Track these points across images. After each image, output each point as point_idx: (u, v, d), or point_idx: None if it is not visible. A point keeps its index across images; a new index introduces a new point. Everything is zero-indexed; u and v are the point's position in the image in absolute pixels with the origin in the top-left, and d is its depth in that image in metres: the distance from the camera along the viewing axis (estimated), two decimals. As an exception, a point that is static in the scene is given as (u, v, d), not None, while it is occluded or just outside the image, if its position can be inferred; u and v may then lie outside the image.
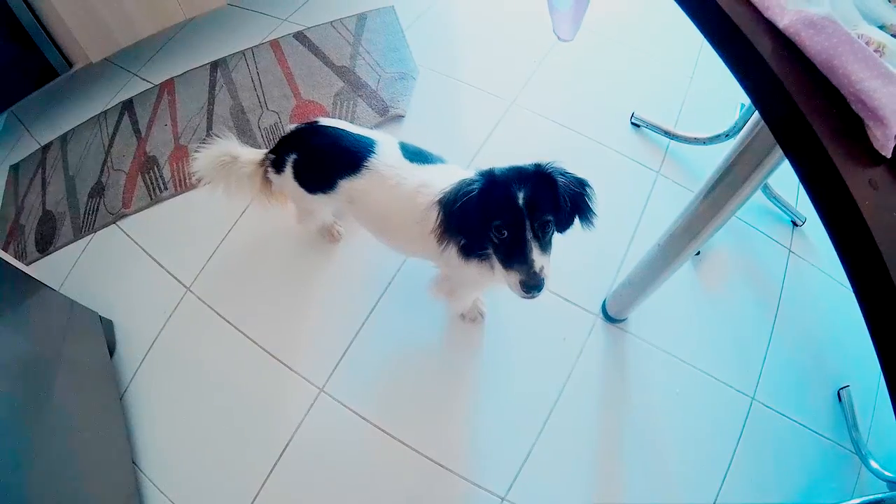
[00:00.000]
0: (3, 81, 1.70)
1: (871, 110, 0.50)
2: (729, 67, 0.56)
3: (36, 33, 1.65)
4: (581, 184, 0.86)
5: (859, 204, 0.45)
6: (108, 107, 1.87)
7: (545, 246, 0.83)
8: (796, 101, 0.46)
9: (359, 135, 1.07)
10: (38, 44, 1.67)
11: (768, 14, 0.57)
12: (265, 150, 1.20)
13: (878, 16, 0.70)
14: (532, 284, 0.81)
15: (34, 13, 1.62)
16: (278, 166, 1.13)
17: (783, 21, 0.55)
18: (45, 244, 1.64)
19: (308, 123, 1.12)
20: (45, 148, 1.85)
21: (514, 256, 0.82)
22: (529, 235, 0.81)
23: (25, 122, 1.92)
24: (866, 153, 0.50)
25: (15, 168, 1.85)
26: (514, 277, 0.82)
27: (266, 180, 1.20)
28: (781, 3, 0.57)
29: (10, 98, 1.78)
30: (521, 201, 0.80)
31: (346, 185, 1.04)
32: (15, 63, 1.68)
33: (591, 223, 0.88)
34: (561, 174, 0.84)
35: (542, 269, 0.81)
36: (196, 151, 1.20)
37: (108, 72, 1.93)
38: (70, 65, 1.79)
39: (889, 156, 0.50)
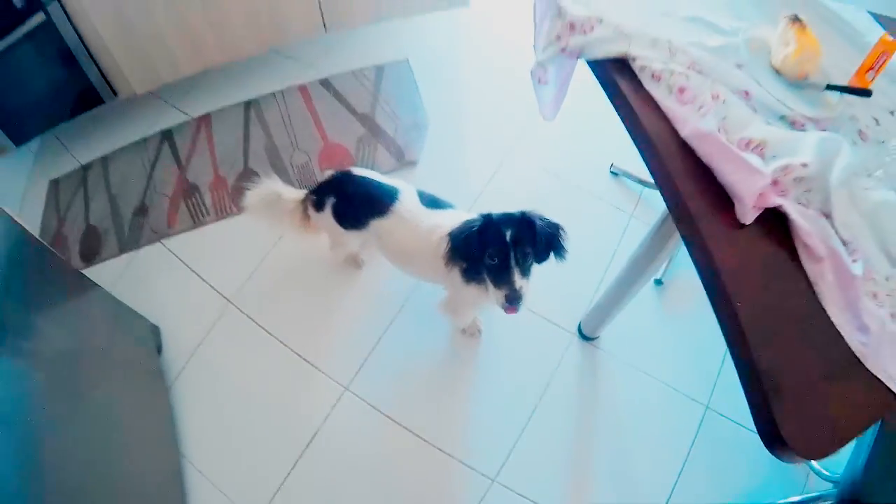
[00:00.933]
0: (53, 102, 1.82)
1: (734, 194, 0.77)
2: (643, 160, 0.83)
3: (86, 63, 1.74)
4: (556, 227, 1.12)
5: (721, 261, 0.71)
6: (148, 134, 1.99)
7: (525, 271, 1.09)
8: (680, 190, 0.73)
9: (385, 184, 1.31)
10: (87, 73, 1.77)
11: (675, 125, 0.84)
12: (305, 191, 1.42)
13: (777, 110, 0.95)
14: (513, 297, 1.07)
15: (85, 45, 1.71)
16: (318, 206, 1.35)
17: (684, 131, 0.83)
18: (91, 255, 1.75)
19: (343, 172, 1.35)
20: (86, 167, 1.95)
21: (502, 277, 1.08)
22: (513, 263, 1.07)
23: (64, 141, 2.02)
24: (732, 222, 0.76)
25: (55, 182, 1.94)
26: (501, 293, 1.08)
27: (305, 215, 1.42)
28: (686, 117, 0.84)
29: (57, 118, 1.88)
30: (508, 238, 1.06)
31: (375, 225, 1.28)
32: (65, 87, 1.79)
33: (563, 257, 1.13)
34: (539, 219, 1.10)
35: (521, 287, 1.07)
36: (247, 189, 1.43)
37: (145, 101, 1.99)
38: (115, 94, 1.87)
39: (747, 223, 0.77)
